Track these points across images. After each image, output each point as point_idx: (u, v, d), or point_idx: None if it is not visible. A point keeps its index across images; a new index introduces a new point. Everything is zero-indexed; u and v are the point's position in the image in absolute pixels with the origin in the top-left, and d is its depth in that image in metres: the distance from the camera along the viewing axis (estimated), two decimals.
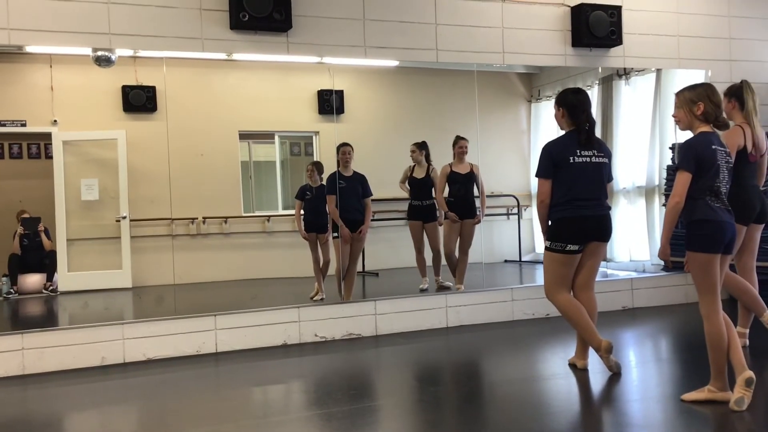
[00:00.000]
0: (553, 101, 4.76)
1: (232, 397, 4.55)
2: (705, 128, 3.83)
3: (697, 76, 7.35)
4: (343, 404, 4.14)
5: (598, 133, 4.84)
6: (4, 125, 7.60)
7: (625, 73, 7.84)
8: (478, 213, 7.21)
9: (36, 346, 5.18)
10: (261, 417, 4.06)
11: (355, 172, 6.79)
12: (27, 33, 5.30)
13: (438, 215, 7.31)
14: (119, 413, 4.36)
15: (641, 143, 7.99)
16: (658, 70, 7.71)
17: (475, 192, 7.22)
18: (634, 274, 7.47)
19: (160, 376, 5.08)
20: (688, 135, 3.93)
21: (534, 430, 3.58)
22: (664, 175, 7.68)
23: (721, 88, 4.14)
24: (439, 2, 6.47)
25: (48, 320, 7.19)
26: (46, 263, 7.76)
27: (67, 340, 5.28)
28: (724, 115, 4.04)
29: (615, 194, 7.80)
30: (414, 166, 7.35)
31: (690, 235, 3.78)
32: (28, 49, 5.69)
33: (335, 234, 6.71)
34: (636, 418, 3.84)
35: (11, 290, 7.56)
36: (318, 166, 7.17)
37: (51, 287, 7.68)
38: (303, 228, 7.08)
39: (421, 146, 7.34)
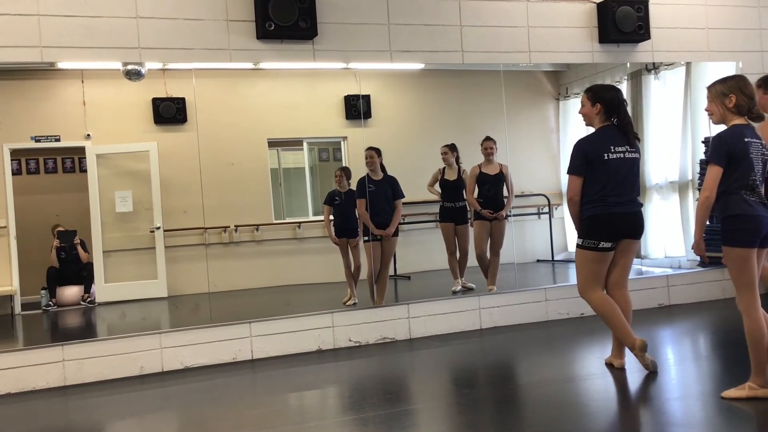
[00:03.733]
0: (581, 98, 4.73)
1: (270, 403, 4.58)
2: (739, 121, 3.78)
3: (727, 69, 7.24)
4: (380, 408, 4.15)
5: None
6: (39, 141, 7.75)
7: (654, 67, 7.75)
8: (509, 211, 7.17)
9: (76, 358, 5.26)
10: (298, 422, 4.09)
11: (385, 176, 6.78)
12: (58, 50, 5.40)
13: (469, 217, 7.29)
14: (159, 422, 4.42)
15: (673, 138, 7.89)
16: (688, 64, 7.61)
17: (505, 192, 7.18)
18: (669, 271, 7.38)
19: (197, 384, 5.13)
20: (722, 128, 3.88)
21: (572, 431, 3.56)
22: (697, 169, 7.57)
23: (753, 80, 4.07)
24: (464, 4, 6.46)
25: (87, 331, 7.31)
26: (84, 275, 7.89)
27: (106, 350, 5.36)
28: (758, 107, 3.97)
29: (648, 190, 7.71)
30: (444, 168, 7.32)
31: (725, 230, 3.73)
32: (60, 65, 5.79)
33: (366, 238, 6.72)
34: (676, 417, 3.79)
35: (50, 303, 7.70)
36: (346, 172, 7.19)
37: (89, 299, 7.81)
38: (333, 233, 7.10)
39: (452, 148, 7.32)
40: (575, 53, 6.88)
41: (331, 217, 7.17)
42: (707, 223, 3.82)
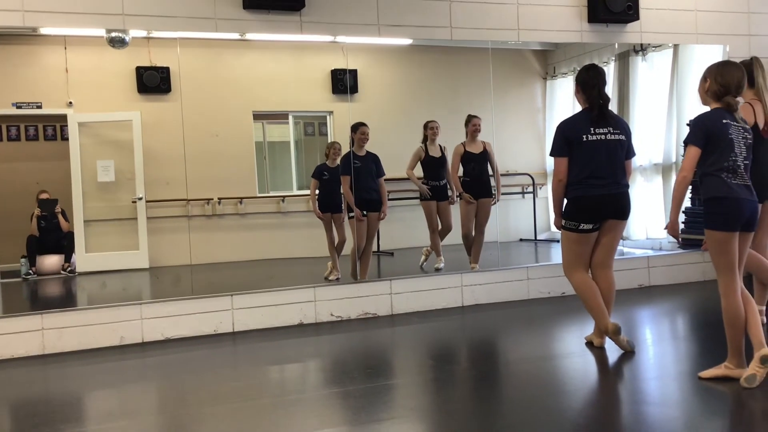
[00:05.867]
0: (568, 78, 4.73)
1: (250, 376, 4.59)
2: (718, 106, 3.80)
3: (715, 52, 7.25)
4: (360, 383, 4.17)
5: (614, 109, 4.79)
6: (20, 107, 7.64)
7: (642, 49, 7.75)
8: (494, 193, 7.16)
9: (55, 326, 5.24)
10: (278, 395, 4.10)
11: (368, 152, 6.76)
12: (41, 14, 5.31)
13: (450, 194, 7.27)
14: (138, 392, 4.41)
15: (658, 120, 7.91)
16: (676, 46, 7.61)
17: (490, 171, 7.17)
18: (650, 252, 7.43)
19: (178, 356, 5.13)
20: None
21: (550, 408, 3.59)
22: (681, 152, 7.61)
23: None
24: None
25: (67, 301, 7.26)
26: (64, 244, 7.82)
27: (86, 320, 5.34)
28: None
29: (633, 172, 7.73)
30: (427, 145, 7.25)
31: (707, 213, 3.76)
32: (43, 30, 5.70)
33: (351, 214, 6.71)
34: (653, 396, 3.83)
35: (30, 271, 7.64)
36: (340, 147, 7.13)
37: (69, 268, 7.75)
38: (317, 207, 7.07)
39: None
40: (564, 32, 6.86)
41: (317, 192, 7.14)
42: (690, 205, 3.85)
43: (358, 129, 6.72)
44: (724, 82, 3.76)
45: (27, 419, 3.88)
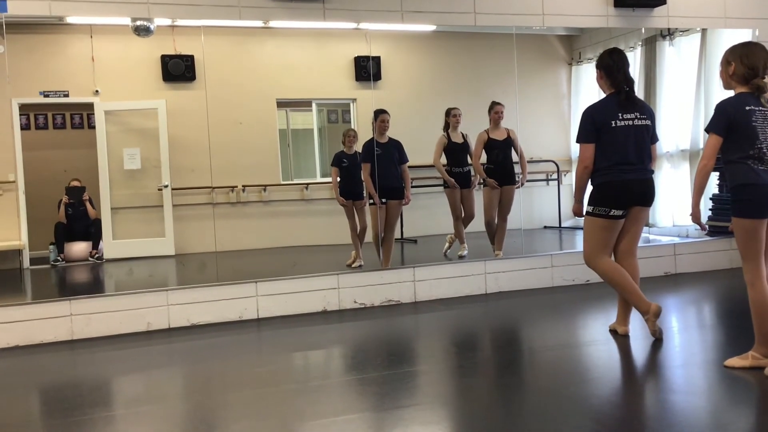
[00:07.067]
0: (594, 64, 4.68)
1: (274, 362, 4.63)
2: (744, 89, 3.72)
3: (743, 36, 7.12)
4: (383, 369, 4.19)
5: (640, 95, 4.73)
6: (47, 96, 7.74)
7: (669, 33, 7.63)
8: (518, 179, 7.13)
9: (84, 312, 5.32)
10: (302, 381, 4.13)
11: (390, 139, 6.75)
12: (67, 3, 5.36)
13: (472, 181, 7.25)
14: (164, 377, 4.48)
15: (686, 106, 7.80)
16: (704, 30, 7.49)
17: (514, 158, 7.13)
18: (677, 240, 7.35)
19: (203, 341, 5.18)
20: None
21: (574, 396, 3.58)
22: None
23: None
24: None
25: (95, 287, 7.37)
26: (92, 231, 7.93)
27: (114, 306, 5.41)
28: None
29: (659, 158, 7.64)
30: (449, 133, 7.23)
31: (733, 201, 3.71)
32: (69, 19, 5.76)
33: (372, 201, 6.71)
34: (678, 384, 3.80)
35: (58, 258, 7.75)
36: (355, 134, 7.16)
37: (96, 255, 7.86)
38: (340, 194, 7.08)
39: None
40: (589, 17, 6.78)
41: (338, 179, 7.16)
42: (717, 192, 3.80)
43: (379, 116, 6.71)
44: (751, 63, 3.69)
45: (56, 404, 3.95)
